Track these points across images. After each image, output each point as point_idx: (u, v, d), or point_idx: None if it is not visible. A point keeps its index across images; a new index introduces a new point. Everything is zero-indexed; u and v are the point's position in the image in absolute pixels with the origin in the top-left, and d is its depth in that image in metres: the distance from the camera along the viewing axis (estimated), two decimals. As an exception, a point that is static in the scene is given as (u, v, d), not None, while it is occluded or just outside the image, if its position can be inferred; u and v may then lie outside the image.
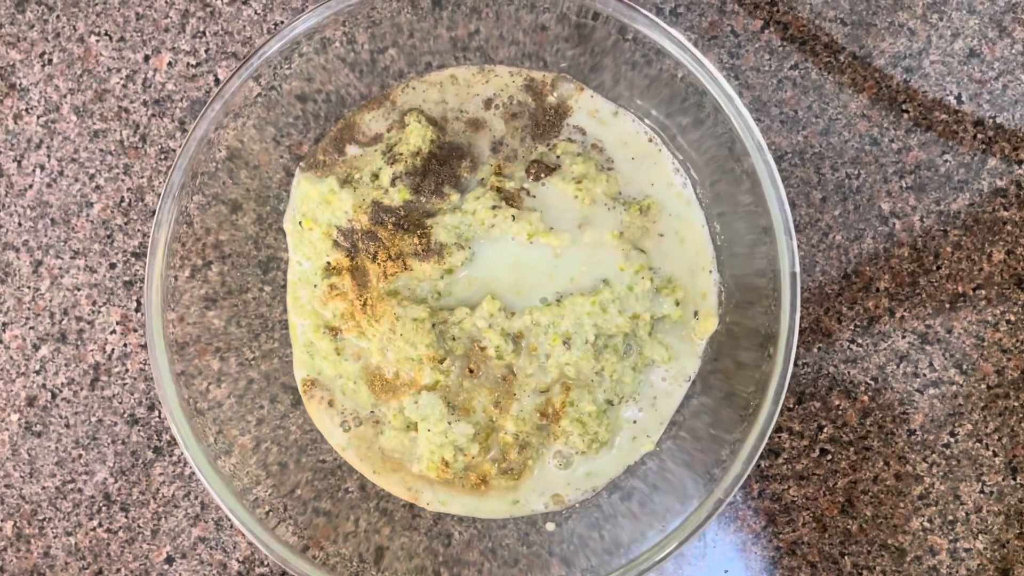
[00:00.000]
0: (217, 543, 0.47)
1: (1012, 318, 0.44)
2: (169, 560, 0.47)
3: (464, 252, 0.42)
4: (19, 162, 0.48)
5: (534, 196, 0.43)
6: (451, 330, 0.42)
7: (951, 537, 0.44)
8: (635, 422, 0.43)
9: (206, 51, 0.47)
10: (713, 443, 0.40)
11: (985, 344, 0.44)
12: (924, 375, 0.44)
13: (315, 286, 0.44)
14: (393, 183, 0.42)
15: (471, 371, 0.43)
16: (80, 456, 0.47)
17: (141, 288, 0.47)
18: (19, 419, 0.48)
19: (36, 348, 0.47)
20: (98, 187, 0.47)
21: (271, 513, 0.41)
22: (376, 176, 0.43)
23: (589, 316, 0.41)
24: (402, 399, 0.43)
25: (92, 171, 0.47)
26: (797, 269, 0.38)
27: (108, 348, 0.47)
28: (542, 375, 0.42)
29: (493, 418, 0.43)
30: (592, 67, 0.43)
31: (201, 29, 0.47)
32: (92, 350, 0.47)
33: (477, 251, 0.43)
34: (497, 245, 0.42)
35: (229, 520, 0.46)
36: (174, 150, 0.47)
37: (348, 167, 0.44)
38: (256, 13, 0.47)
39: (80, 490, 0.47)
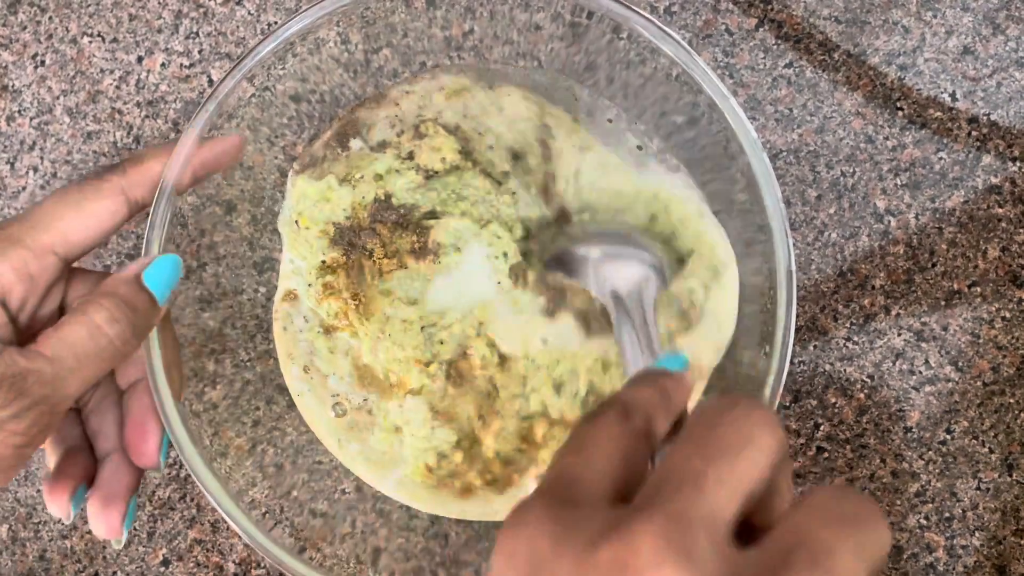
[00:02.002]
0: (213, 545, 0.47)
1: (1007, 315, 0.44)
2: (165, 563, 0.47)
3: (460, 255, 0.42)
4: (12, 164, 0.47)
5: None
6: (439, 333, 0.42)
7: (948, 534, 0.44)
8: None
9: (199, 52, 0.47)
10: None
11: (981, 341, 0.44)
12: (920, 372, 0.44)
13: (309, 285, 0.44)
14: (407, 189, 0.42)
15: (456, 377, 0.42)
16: (75, 459, 0.47)
17: (135, 290, 0.47)
18: (14, 422, 0.47)
19: (30, 351, 0.47)
20: (92, 189, 0.47)
21: (267, 515, 0.41)
22: (381, 176, 0.42)
23: (587, 372, 0.41)
24: (389, 401, 0.43)
25: (86, 173, 0.47)
26: (793, 267, 0.38)
27: (103, 350, 0.47)
28: (525, 403, 0.42)
29: (475, 430, 0.43)
30: (586, 66, 0.43)
31: (194, 30, 0.47)
32: (87, 352, 0.47)
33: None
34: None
35: (226, 522, 0.46)
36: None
37: (348, 166, 0.44)
38: (250, 14, 0.47)
39: (75, 493, 0.47)
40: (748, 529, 0.20)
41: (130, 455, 0.33)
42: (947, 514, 0.44)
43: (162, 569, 0.47)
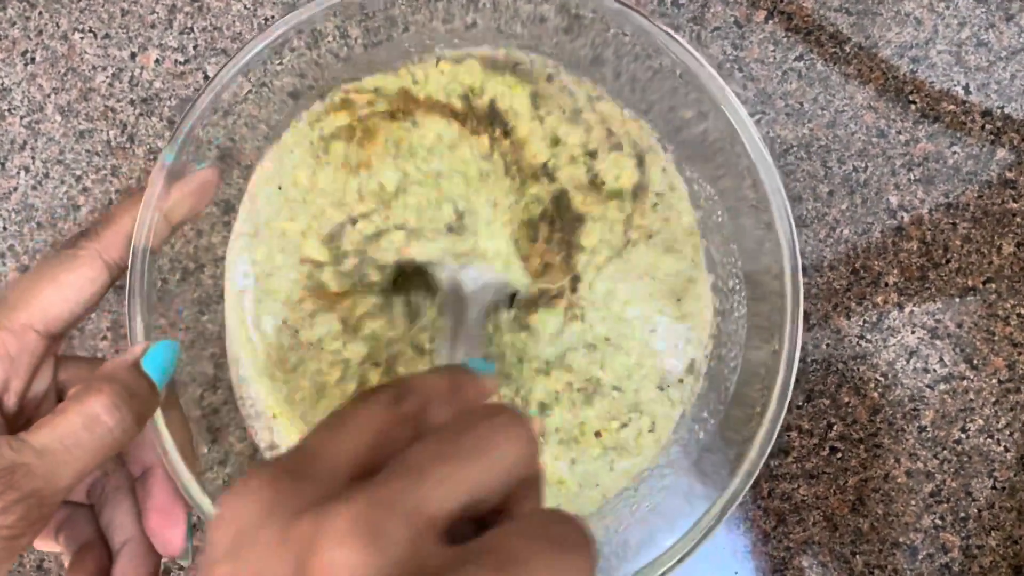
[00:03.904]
0: (215, 553, 0.46)
1: (1023, 311, 0.44)
2: (167, 571, 0.46)
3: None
4: (3, 164, 0.46)
5: None
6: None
7: (963, 534, 0.44)
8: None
9: (194, 48, 0.46)
10: (721, 442, 0.40)
11: (995, 338, 0.44)
12: (934, 370, 0.44)
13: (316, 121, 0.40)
14: (570, 180, 0.39)
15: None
16: (71, 466, 0.46)
17: (132, 293, 0.46)
18: (7, 429, 0.46)
19: (24, 356, 0.46)
20: (85, 189, 0.46)
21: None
22: (556, 143, 0.40)
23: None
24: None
25: (79, 173, 0.46)
26: (799, 262, 0.37)
27: (99, 355, 0.46)
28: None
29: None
30: (593, 60, 0.42)
31: (189, 25, 0.46)
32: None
33: None
34: None
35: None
36: (163, 150, 0.46)
37: (526, 79, 0.41)
38: (246, 8, 0.46)
39: (72, 501, 0.46)
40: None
41: (155, 544, 0.32)
42: (962, 514, 0.44)
43: (162, 578, 0.46)
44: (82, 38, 0.46)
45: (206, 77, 0.46)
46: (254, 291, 0.41)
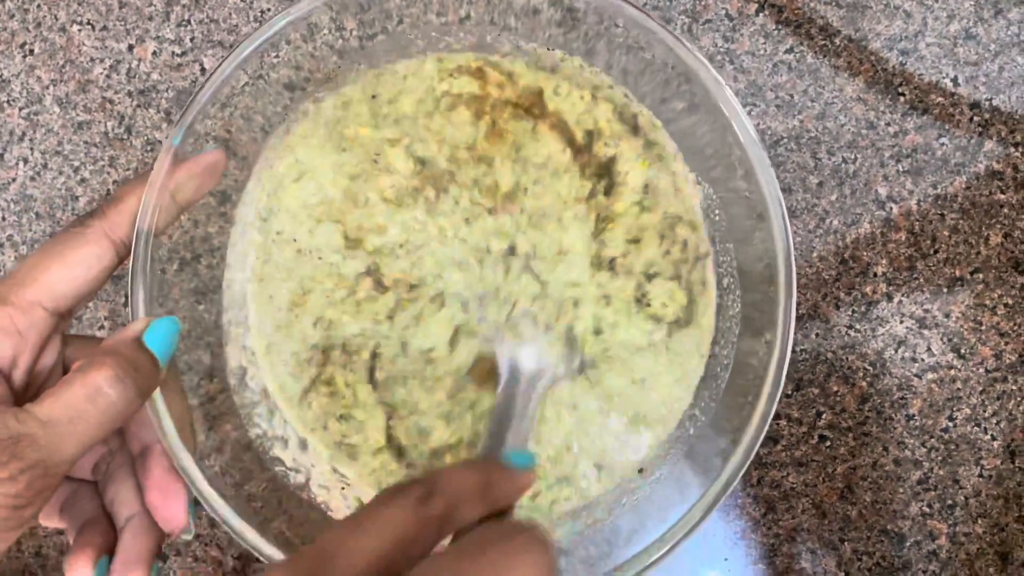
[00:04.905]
0: (212, 539, 0.47)
1: (1010, 301, 0.44)
2: (163, 558, 0.47)
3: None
4: (1, 155, 0.47)
5: None
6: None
7: (950, 521, 0.44)
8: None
9: (191, 40, 0.46)
10: (712, 431, 0.40)
11: (983, 328, 0.44)
12: (922, 360, 0.44)
13: (435, 107, 0.40)
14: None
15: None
16: (70, 454, 0.47)
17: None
18: (7, 417, 0.47)
19: (23, 345, 0.47)
20: (83, 180, 0.46)
21: (264, 508, 0.40)
22: (643, 203, 0.41)
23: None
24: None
25: (77, 164, 0.47)
26: (791, 253, 0.37)
27: (96, 344, 0.47)
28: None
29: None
30: (586, 52, 0.42)
31: (186, 17, 0.46)
32: (80, 346, 0.47)
33: None
34: None
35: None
36: (160, 141, 0.46)
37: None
38: (242, 0, 0.46)
39: (71, 488, 0.47)
40: None
41: (157, 520, 0.32)
42: (949, 502, 0.44)
43: (160, 564, 0.47)
44: (80, 30, 0.46)
45: (203, 69, 0.46)
46: (271, 203, 0.41)
